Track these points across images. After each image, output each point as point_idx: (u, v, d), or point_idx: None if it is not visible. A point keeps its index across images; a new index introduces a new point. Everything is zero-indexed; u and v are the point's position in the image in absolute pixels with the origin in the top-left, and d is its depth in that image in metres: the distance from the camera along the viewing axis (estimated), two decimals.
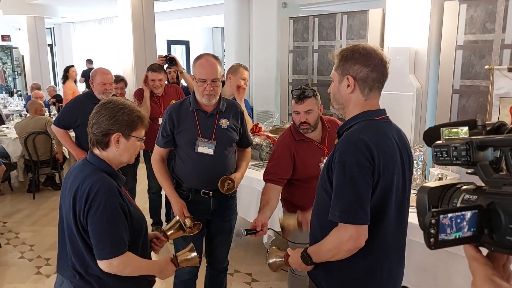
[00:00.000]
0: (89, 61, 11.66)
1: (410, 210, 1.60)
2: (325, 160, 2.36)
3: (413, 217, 1.67)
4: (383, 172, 1.39)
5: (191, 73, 2.32)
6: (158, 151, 2.42)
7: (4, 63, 15.89)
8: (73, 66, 7.89)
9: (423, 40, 3.66)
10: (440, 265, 2.27)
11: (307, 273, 1.64)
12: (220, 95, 2.35)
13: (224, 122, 2.33)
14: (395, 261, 1.57)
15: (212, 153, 2.29)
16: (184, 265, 1.84)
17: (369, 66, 1.42)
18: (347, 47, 1.49)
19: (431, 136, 0.86)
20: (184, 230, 1.93)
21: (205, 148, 2.29)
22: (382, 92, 1.51)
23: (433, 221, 0.64)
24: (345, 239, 1.37)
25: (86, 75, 10.84)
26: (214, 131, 2.31)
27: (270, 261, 1.77)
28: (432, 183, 0.76)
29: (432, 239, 0.64)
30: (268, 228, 2.17)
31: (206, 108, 2.31)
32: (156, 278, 1.80)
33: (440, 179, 2.63)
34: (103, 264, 1.53)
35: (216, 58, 2.27)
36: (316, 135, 2.42)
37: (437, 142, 0.77)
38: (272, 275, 3.41)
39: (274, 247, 1.82)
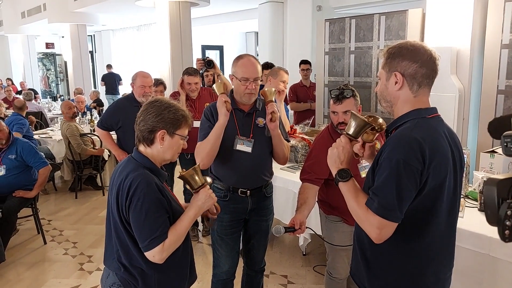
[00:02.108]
0: (109, 66, 12.54)
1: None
2: (363, 161, 2.35)
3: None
4: (434, 172, 1.35)
5: (231, 73, 2.35)
6: None
7: (48, 70, 16.71)
8: None
9: (465, 39, 3.54)
10: (486, 271, 2.19)
11: (350, 274, 1.61)
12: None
13: (261, 121, 2.36)
14: (443, 265, 1.51)
15: (250, 151, 2.32)
16: (199, 181, 1.73)
17: (417, 61, 1.39)
18: (394, 45, 1.46)
19: (497, 127, 0.83)
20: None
21: (243, 146, 2.33)
22: None
23: (509, 212, 0.61)
24: (372, 227, 1.36)
25: (105, 79, 12.01)
26: (252, 130, 2.34)
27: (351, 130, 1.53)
28: (500, 175, 0.73)
29: (507, 232, 0.62)
30: (306, 227, 2.16)
31: (243, 107, 2.36)
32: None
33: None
34: (149, 255, 1.59)
35: (256, 58, 2.34)
36: None
37: (508, 132, 0.73)
38: (308, 277, 3.38)
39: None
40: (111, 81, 11.97)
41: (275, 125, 2.25)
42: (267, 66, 4.69)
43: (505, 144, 0.73)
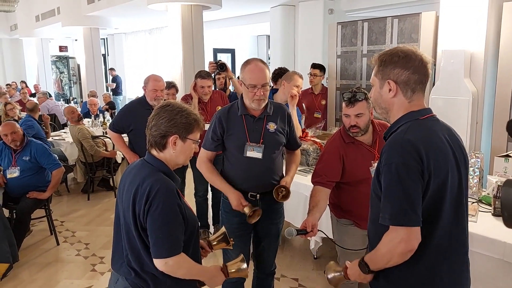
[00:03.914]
0: (112, 70, 13.09)
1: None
2: (375, 164, 2.33)
3: (470, 226, 1.61)
4: (435, 171, 1.36)
5: (239, 78, 2.35)
6: (205, 154, 2.44)
7: (61, 73, 16.93)
8: None
9: (479, 42, 3.50)
10: (500, 276, 2.15)
11: (369, 284, 1.59)
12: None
13: (271, 126, 2.35)
14: (457, 263, 1.50)
15: (260, 157, 2.31)
16: (234, 276, 1.81)
17: (409, 68, 1.42)
18: (385, 52, 1.49)
19: None
20: (228, 242, 1.92)
21: (254, 152, 2.31)
22: (436, 97, 1.49)
23: None
24: (397, 242, 1.35)
25: (113, 81, 12.61)
26: (262, 135, 2.33)
27: (330, 276, 1.69)
28: None
29: None
30: (318, 230, 2.15)
31: (254, 112, 2.34)
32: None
33: (499, 187, 2.50)
34: (159, 263, 1.56)
35: (264, 62, 2.31)
36: (367, 139, 2.38)
37: None
38: (319, 281, 3.37)
39: (332, 262, 1.75)
40: (116, 83, 12.59)
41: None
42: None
43: None
